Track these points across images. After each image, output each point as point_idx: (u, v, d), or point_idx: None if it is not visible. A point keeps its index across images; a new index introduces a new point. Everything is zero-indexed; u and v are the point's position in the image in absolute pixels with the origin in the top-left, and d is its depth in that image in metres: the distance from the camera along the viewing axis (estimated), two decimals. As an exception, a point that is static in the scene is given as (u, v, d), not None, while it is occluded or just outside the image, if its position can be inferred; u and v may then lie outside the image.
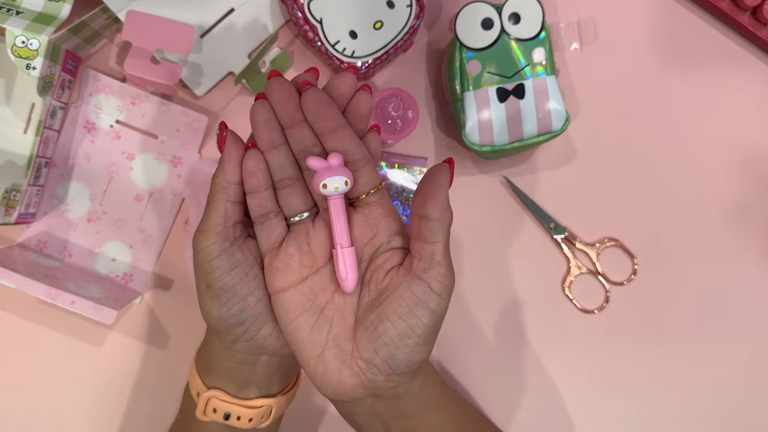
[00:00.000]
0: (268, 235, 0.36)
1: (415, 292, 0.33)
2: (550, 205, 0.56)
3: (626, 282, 0.56)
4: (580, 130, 0.56)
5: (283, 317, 0.36)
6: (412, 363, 0.34)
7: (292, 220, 0.36)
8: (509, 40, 0.51)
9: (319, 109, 0.33)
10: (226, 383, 0.39)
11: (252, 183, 0.35)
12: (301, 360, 0.35)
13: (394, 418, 0.37)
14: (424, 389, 0.38)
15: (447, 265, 0.34)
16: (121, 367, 0.53)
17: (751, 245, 0.57)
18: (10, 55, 0.45)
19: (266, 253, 0.36)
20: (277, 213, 0.36)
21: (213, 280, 0.35)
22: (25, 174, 0.48)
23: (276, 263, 0.36)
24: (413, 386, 0.37)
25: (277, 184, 0.35)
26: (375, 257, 0.35)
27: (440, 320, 0.34)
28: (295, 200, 0.36)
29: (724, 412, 0.56)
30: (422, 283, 0.33)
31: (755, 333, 0.57)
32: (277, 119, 0.34)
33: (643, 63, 0.57)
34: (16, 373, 0.52)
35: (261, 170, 0.35)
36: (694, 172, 0.57)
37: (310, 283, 0.36)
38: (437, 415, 0.40)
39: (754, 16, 0.56)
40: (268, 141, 0.34)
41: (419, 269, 0.33)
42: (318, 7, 0.50)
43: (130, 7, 0.49)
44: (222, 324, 0.36)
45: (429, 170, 0.33)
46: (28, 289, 0.46)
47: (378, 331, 0.33)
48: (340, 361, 0.34)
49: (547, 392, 0.56)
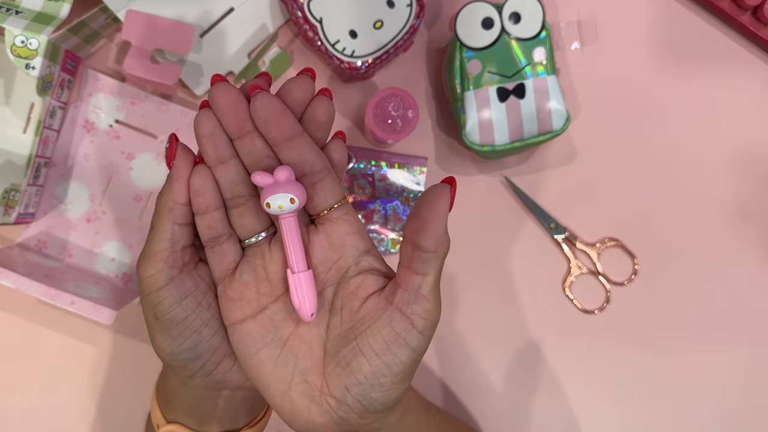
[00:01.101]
0: (220, 261, 0.32)
1: (395, 328, 0.29)
2: (551, 205, 0.56)
3: (627, 282, 0.56)
4: (580, 130, 0.56)
5: (242, 352, 0.32)
6: (388, 401, 0.31)
7: (247, 242, 0.32)
8: (509, 40, 0.51)
9: (271, 117, 0.29)
10: (185, 418, 0.37)
11: (199, 203, 0.31)
12: (266, 397, 0.32)
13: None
14: (404, 421, 0.35)
15: (434, 299, 0.30)
16: (120, 367, 0.53)
17: (751, 245, 0.57)
18: (10, 54, 0.45)
19: (219, 281, 0.33)
20: (229, 235, 0.32)
21: (161, 311, 0.31)
22: (25, 174, 0.48)
23: (230, 292, 0.32)
24: (390, 419, 0.33)
25: (228, 203, 0.32)
26: (344, 282, 0.32)
27: (419, 359, 0.31)
28: (249, 220, 0.32)
29: (725, 411, 0.56)
30: (404, 318, 0.29)
31: (755, 333, 0.57)
32: (224, 130, 0.30)
33: (643, 63, 0.57)
34: (15, 373, 0.52)
35: (209, 188, 0.31)
36: (695, 172, 0.57)
37: (270, 313, 0.32)
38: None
39: (755, 16, 0.56)
40: (215, 155, 0.30)
41: (402, 302, 0.29)
42: (318, 7, 0.49)
43: (130, 6, 0.49)
44: (175, 359, 0.33)
45: (428, 191, 0.29)
46: (27, 289, 0.46)
47: (351, 367, 0.30)
48: (309, 398, 0.31)
49: (547, 392, 0.56)
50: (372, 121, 0.50)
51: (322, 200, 0.31)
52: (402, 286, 0.30)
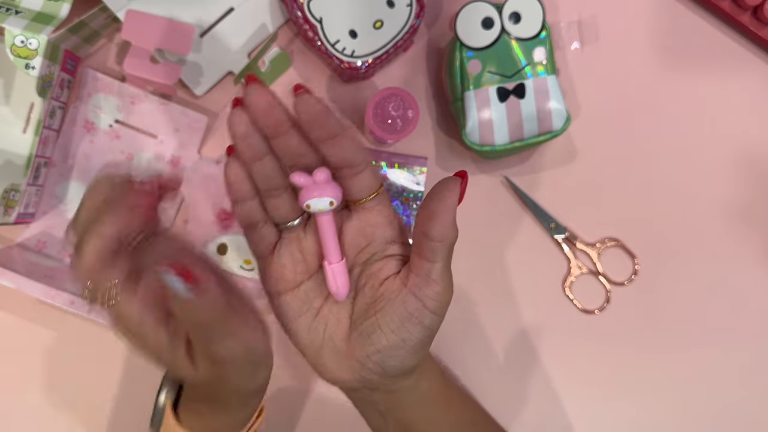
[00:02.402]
0: (258, 243, 0.35)
1: (408, 308, 0.32)
2: (551, 205, 0.56)
3: (627, 282, 0.56)
4: (580, 130, 0.56)
5: (282, 318, 0.36)
6: (405, 368, 0.35)
7: (283, 227, 0.35)
8: (510, 40, 0.51)
9: (315, 118, 0.31)
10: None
11: (235, 192, 0.34)
12: (302, 353, 0.36)
13: (390, 409, 0.38)
14: (420, 385, 0.38)
15: (445, 283, 0.32)
16: (120, 367, 0.53)
17: (751, 245, 0.57)
18: (9, 54, 0.45)
19: (260, 259, 0.36)
20: (265, 221, 0.35)
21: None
22: (24, 174, 0.48)
23: (271, 271, 0.36)
24: (408, 383, 0.37)
25: (263, 194, 0.34)
26: (369, 263, 0.35)
27: (434, 333, 0.34)
28: (284, 209, 0.35)
29: (725, 412, 0.56)
30: (417, 300, 0.32)
31: (756, 333, 0.57)
32: (258, 128, 0.32)
33: (643, 62, 0.57)
34: (15, 373, 0.52)
35: (242, 180, 0.33)
36: (695, 172, 0.57)
37: (305, 288, 0.35)
38: (433, 409, 0.41)
39: (755, 16, 0.56)
40: (250, 154, 0.33)
41: (414, 286, 0.32)
42: (318, 7, 0.49)
43: (130, 6, 0.49)
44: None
45: (439, 183, 0.31)
46: (27, 289, 0.46)
47: (371, 339, 0.33)
48: (336, 359, 0.35)
49: (547, 392, 0.56)
50: (372, 121, 0.50)
51: (358, 191, 0.33)
52: (414, 272, 0.32)
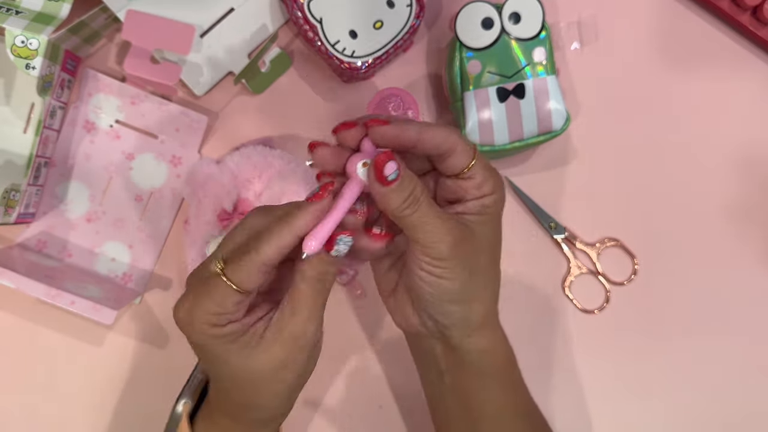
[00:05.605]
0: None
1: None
2: (550, 205, 0.56)
3: (627, 282, 0.56)
4: (580, 130, 0.56)
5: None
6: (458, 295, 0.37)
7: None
8: (509, 40, 0.51)
9: (390, 143, 0.35)
10: None
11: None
12: (381, 295, 0.40)
13: (450, 367, 0.40)
14: (484, 356, 0.39)
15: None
16: (120, 367, 0.53)
17: (751, 245, 0.57)
18: (10, 54, 0.45)
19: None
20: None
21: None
22: (25, 174, 0.48)
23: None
24: (467, 343, 0.38)
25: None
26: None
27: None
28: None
29: (725, 411, 0.56)
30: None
31: (756, 333, 0.57)
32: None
33: (643, 62, 0.57)
34: (15, 373, 0.52)
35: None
36: (695, 172, 0.57)
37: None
38: (494, 383, 0.41)
39: (755, 16, 0.56)
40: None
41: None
42: (318, 7, 0.49)
43: (130, 6, 0.49)
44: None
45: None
46: (27, 289, 0.46)
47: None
48: (408, 300, 0.38)
49: (547, 392, 0.56)
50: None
51: (451, 168, 0.36)
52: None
